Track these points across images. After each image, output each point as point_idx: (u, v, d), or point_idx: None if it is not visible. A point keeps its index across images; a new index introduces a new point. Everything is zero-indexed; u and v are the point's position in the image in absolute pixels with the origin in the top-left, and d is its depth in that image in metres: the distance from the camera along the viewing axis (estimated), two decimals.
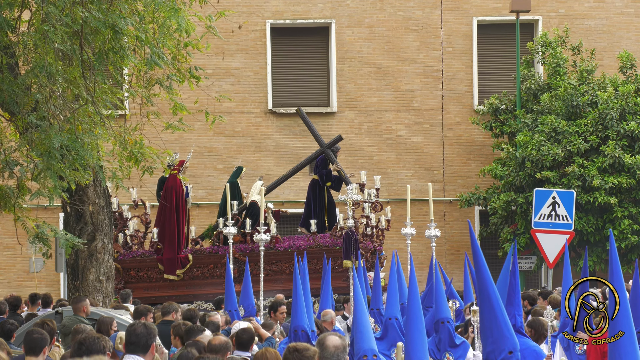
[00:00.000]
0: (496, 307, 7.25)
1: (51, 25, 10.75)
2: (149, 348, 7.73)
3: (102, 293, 18.03)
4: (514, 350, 7.16)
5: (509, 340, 7.20)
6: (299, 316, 11.74)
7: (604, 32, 29.52)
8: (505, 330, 7.20)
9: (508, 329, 7.24)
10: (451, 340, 11.68)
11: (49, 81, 11.36)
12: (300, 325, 11.65)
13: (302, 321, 11.68)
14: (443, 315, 11.90)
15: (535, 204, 23.90)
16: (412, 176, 28.64)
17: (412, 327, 8.43)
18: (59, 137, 11.92)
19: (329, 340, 7.30)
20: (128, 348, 7.76)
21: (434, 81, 29.08)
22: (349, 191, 17.73)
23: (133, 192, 21.13)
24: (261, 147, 28.61)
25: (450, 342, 11.66)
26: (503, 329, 7.20)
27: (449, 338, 11.70)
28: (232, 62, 28.14)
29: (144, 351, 7.71)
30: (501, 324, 7.22)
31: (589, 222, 26.07)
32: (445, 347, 11.72)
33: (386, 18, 29.05)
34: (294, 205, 27.09)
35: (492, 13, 29.25)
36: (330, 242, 20.75)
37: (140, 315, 13.69)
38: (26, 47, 11.93)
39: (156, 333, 7.93)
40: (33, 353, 8.91)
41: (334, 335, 7.48)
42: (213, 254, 20.65)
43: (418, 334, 8.32)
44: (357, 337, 8.55)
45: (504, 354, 7.20)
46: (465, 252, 25.03)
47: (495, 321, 7.26)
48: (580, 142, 26.04)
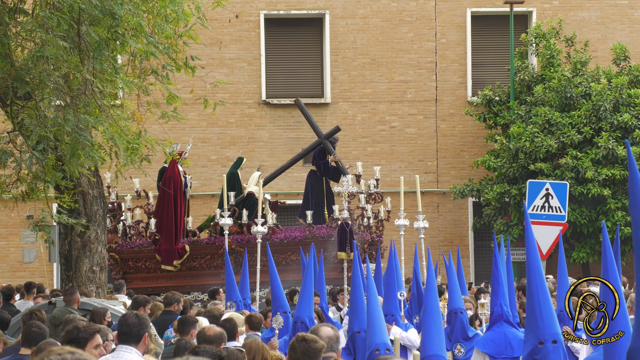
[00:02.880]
0: (533, 298, 7.16)
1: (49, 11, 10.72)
2: (141, 338, 7.74)
3: (96, 283, 18.00)
4: (544, 342, 7.07)
5: (541, 330, 7.10)
6: (303, 307, 11.66)
7: (598, 24, 29.53)
8: (539, 321, 7.11)
9: (543, 319, 7.11)
10: (464, 331, 11.54)
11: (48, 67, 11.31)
12: (300, 317, 11.57)
13: (304, 313, 11.59)
14: (456, 306, 11.77)
15: (528, 196, 23.92)
16: (406, 167, 28.63)
17: (429, 320, 8.31)
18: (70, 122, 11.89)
19: (322, 331, 7.28)
20: (120, 338, 7.78)
21: (427, 72, 29.07)
22: (344, 183, 17.72)
23: (136, 182, 21.11)
24: (255, 138, 28.57)
25: (463, 334, 11.53)
26: (537, 319, 7.11)
27: (461, 329, 11.55)
28: (226, 52, 28.09)
29: (136, 341, 7.72)
30: (535, 314, 7.12)
31: (583, 213, 26.10)
32: (458, 339, 11.59)
33: (380, 9, 29.02)
34: (288, 197, 27.07)
35: (486, 4, 29.23)
36: (326, 233, 20.74)
37: (139, 305, 13.67)
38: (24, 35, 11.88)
39: (148, 323, 7.94)
40: (29, 346, 8.91)
41: (326, 327, 7.49)
42: (210, 244, 20.64)
43: (435, 327, 8.20)
44: (370, 331, 8.45)
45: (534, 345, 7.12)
46: (459, 245, 25.06)
47: (530, 311, 7.18)
48: (574, 133, 26.05)
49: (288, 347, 7.01)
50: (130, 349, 7.71)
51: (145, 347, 7.88)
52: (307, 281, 11.64)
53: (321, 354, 6.84)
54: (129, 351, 7.71)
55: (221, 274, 19.17)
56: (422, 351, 8.21)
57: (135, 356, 7.69)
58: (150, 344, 9.68)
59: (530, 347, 7.12)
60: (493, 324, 10.94)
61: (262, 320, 12.20)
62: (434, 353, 8.04)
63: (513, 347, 10.73)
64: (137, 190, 21.45)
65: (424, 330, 8.32)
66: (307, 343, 6.82)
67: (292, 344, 6.87)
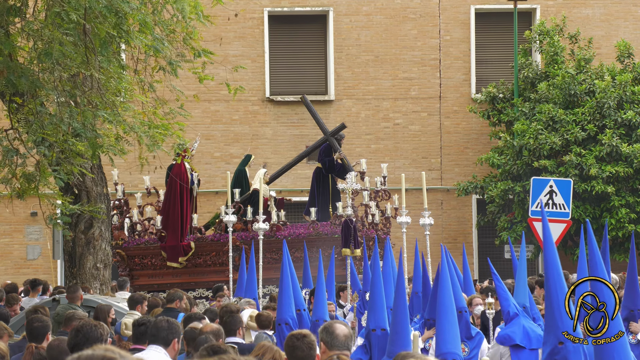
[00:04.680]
0: (552, 298, 7.12)
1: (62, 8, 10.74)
2: (170, 343, 7.77)
3: (100, 280, 18.04)
4: (564, 342, 7.03)
5: (560, 330, 7.05)
6: (284, 309, 11.52)
7: (602, 21, 29.50)
8: (558, 321, 7.06)
9: (562, 319, 7.06)
10: (467, 330, 11.52)
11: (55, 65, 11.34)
12: (283, 319, 11.47)
13: (286, 314, 11.49)
14: (459, 305, 11.74)
15: (532, 193, 23.88)
16: (410, 164, 28.63)
17: (443, 319, 8.27)
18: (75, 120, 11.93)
19: (338, 329, 7.07)
20: (149, 339, 7.83)
21: (431, 69, 29.05)
22: (348, 180, 17.70)
23: (146, 179, 21.15)
24: (259, 135, 28.57)
25: (467, 333, 11.51)
26: (556, 319, 7.07)
27: (465, 328, 11.53)
28: (230, 49, 28.08)
29: (165, 344, 7.76)
30: (555, 314, 7.08)
31: (587, 210, 26.08)
32: (462, 338, 11.56)
33: (384, 6, 29.00)
34: (292, 194, 27.07)
35: (490, 1, 29.21)
36: (330, 230, 20.73)
37: (135, 303, 13.68)
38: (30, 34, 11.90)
39: (179, 331, 7.97)
40: (36, 340, 8.93)
41: (341, 324, 7.27)
42: (215, 241, 20.66)
43: (449, 325, 8.15)
44: (391, 339, 8.29)
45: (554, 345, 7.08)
46: (464, 242, 25.05)
47: (549, 311, 7.15)
48: (578, 130, 26.04)
49: (285, 348, 6.85)
50: (159, 349, 7.76)
51: (174, 353, 7.90)
52: (285, 281, 11.58)
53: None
54: (158, 351, 7.74)
55: (226, 271, 19.18)
56: (437, 349, 8.17)
57: (164, 357, 7.72)
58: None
59: (550, 347, 7.09)
60: (509, 320, 10.94)
61: (270, 318, 12.18)
62: (449, 350, 8.01)
63: (531, 338, 10.73)
64: (147, 187, 21.47)
65: (439, 329, 8.27)
66: (307, 337, 6.78)
67: (293, 344, 6.72)
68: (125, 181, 23.29)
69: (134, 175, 25.05)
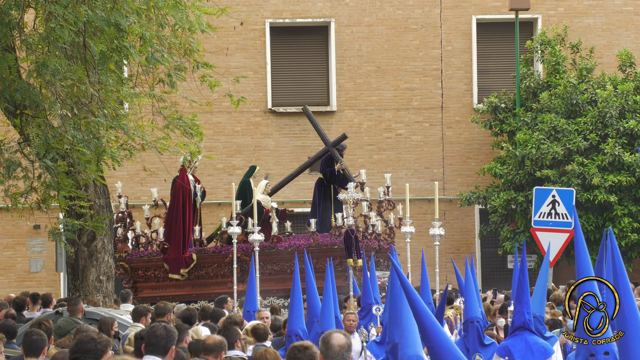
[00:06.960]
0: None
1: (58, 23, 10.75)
2: (168, 351, 7.68)
3: (103, 293, 18.01)
4: (595, 354, 7.01)
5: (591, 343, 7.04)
6: (294, 321, 11.40)
7: (603, 30, 29.52)
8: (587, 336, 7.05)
9: None
10: (480, 340, 11.50)
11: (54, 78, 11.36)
12: (294, 330, 11.39)
13: (297, 326, 11.42)
14: (473, 315, 11.71)
15: (535, 203, 23.87)
16: (412, 175, 28.64)
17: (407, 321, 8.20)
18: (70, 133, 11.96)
19: (334, 338, 6.93)
20: (147, 349, 7.71)
21: (433, 80, 29.07)
22: (349, 190, 17.67)
23: (154, 191, 21.17)
24: (261, 146, 28.59)
25: (480, 343, 11.49)
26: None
27: (478, 338, 11.52)
28: (232, 61, 28.11)
29: (163, 353, 7.66)
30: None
31: (589, 220, 26.07)
32: (476, 348, 11.52)
33: (385, 17, 29.04)
34: (294, 205, 27.07)
35: (491, 11, 29.24)
36: (330, 241, 20.71)
37: (140, 315, 13.67)
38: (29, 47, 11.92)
39: (176, 336, 7.88)
40: (33, 354, 8.90)
41: (338, 333, 7.10)
42: (217, 253, 20.66)
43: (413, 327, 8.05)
44: (402, 343, 8.15)
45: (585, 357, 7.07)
46: (470, 253, 25.01)
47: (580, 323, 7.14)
48: (580, 140, 26.04)
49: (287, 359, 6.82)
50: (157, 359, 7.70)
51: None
52: (297, 292, 11.51)
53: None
54: None
55: (228, 283, 19.16)
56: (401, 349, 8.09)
57: None
58: None
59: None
60: (514, 331, 10.93)
61: (267, 331, 12.11)
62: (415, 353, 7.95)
63: (533, 352, 10.71)
64: (154, 199, 21.50)
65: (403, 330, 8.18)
66: (309, 349, 6.76)
67: (294, 356, 6.71)
68: (128, 193, 23.32)
69: (137, 188, 25.10)
